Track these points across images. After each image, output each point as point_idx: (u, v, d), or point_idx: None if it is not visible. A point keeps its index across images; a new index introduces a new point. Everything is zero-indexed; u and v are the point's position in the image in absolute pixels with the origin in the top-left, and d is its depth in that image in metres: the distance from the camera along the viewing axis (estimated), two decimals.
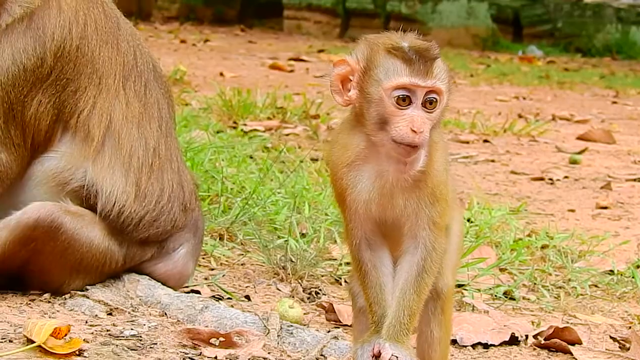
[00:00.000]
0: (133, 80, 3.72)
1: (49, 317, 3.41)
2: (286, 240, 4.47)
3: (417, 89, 2.57)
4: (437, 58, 2.61)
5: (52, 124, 3.64)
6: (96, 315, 3.50)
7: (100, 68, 3.68)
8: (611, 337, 3.84)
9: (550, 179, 7.31)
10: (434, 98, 2.60)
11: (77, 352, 3.11)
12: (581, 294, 4.40)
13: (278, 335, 3.38)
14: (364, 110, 2.62)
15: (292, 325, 3.46)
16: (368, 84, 2.60)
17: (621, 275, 4.68)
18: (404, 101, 2.57)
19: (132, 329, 3.36)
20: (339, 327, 3.70)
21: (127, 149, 3.64)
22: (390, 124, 2.57)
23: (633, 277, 4.58)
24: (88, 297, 3.60)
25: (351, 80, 2.63)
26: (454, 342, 3.60)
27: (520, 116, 10.47)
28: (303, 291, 4.10)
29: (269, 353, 3.26)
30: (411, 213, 2.73)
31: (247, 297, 3.99)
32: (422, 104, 2.59)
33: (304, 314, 3.79)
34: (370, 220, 2.77)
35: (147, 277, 3.75)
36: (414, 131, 2.56)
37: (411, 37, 2.65)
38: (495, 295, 4.24)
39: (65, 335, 3.16)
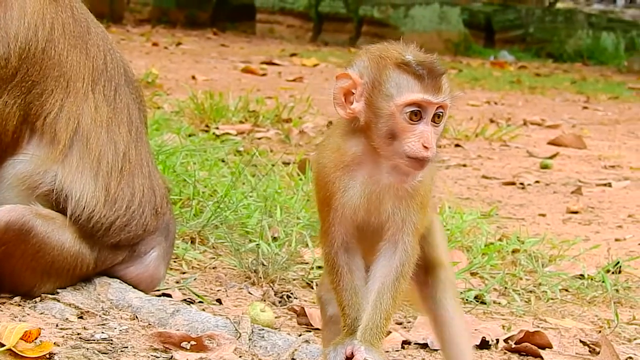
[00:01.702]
0: (102, 84, 3.71)
1: (19, 321, 3.39)
2: (258, 244, 4.46)
3: (428, 105, 2.62)
4: (444, 73, 2.68)
5: (19, 125, 3.62)
6: (67, 319, 3.48)
7: (68, 71, 3.66)
8: (581, 341, 3.86)
9: (522, 184, 7.35)
10: (441, 112, 2.67)
11: (47, 356, 3.10)
12: (552, 298, 4.43)
13: (249, 339, 3.38)
14: (372, 124, 2.64)
15: (263, 329, 3.46)
16: (378, 98, 2.62)
17: (591, 279, 4.71)
18: (416, 116, 2.61)
19: (103, 333, 3.35)
20: (310, 331, 3.70)
21: (95, 153, 3.62)
22: (401, 139, 2.61)
23: (603, 282, 4.60)
24: (59, 301, 3.58)
25: (353, 94, 2.65)
26: (424, 345, 3.61)
27: (491, 121, 10.51)
28: (274, 295, 4.10)
29: (240, 357, 3.26)
30: (398, 219, 2.77)
31: (219, 301, 3.98)
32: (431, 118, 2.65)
33: (276, 317, 3.79)
34: (353, 225, 2.79)
35: (118, 281, 3.74)
36: (425, 147, 2.61)
37: (414, 51, 2.71)
38: (466, 299, 4.25)
39: (36, 338, 3.15)
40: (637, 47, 22.32)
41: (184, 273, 4.28)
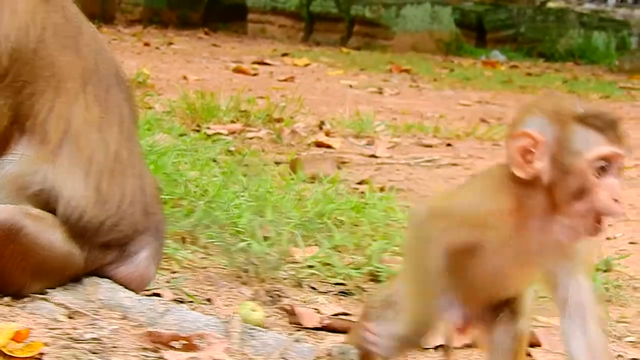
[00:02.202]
0: (94, 85, 3.71)
1: (9, 321, 3.38)
2: (249, 244, 4.47)
3: (616, 157, 2.56)
4: (621, 124, 2.60)
5: (9, 125, 3.62)
6: (56, 319, 3.47)
7: (59, 72, 3.66)
8: None
9: None
10: (622, 164, 2.60)
11: (37, 356, 3.10)
12: (541, 297, 4.42)
13: (240, 338, 3.38)
14: (556, 181, 2.55)
15: (254, 328, 3.46)
16: (564, 156, 2.55)
17: None
18: (604, 171, 2.54)
19: (92, 332, 3.34)
20: (300, 330, 3.70)
21: (86, 153, 3.62)
22: (591, 195, 2.53)
23: (593, 280, 4.60)
24: (48, 301, 3.58)
25: (533, 152, 2.56)
26: None
27: (483, 120, 10.51)
28: (265, 294, 4.10)
29: (230, 356, 3.26)
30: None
31: (209, 300, 3.98)
32: None
33: (266, 316, 3.79)
34: None
35: (109, 280, 3.73)
36: (615, 200, 2.55)
37: (585, 104, 2.62)
38: None
39: (26, 338, 3.15)
40: (628, 46, 22.35)
41: (174, 273, 4.28)
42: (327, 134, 8.47)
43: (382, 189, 6.17)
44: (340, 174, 6.40)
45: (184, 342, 3.28)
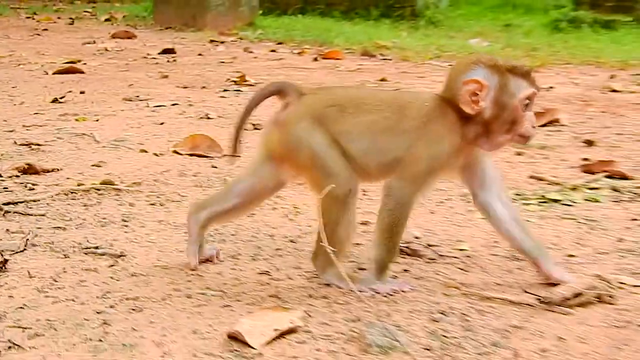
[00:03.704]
0: None
1: None
2: None
3: (534, 96, 3.33)
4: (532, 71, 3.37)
5: None
6: None
7: None
8: None
9: None
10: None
11: None
12: None
13: None
14: (494, 115, 3.29)
15: None
16: (503, 97, 3.27)
17: None
18: (527, 106, 3.30)
19: None
20: None
21: None
22: (518, 124, 3.29)
23: None
24: None
25: (478, 94, 3.25)
26: None
27: None
28: None
29: None
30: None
31: None
32: None
33: None
34: None
35: None
36: (534, 127, 3.35)
37: (505, 58, 3.38)
38: None
39: None
40: None
41: None
42: None
43: None
44: None
45: None
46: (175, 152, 5.85)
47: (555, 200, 4.73)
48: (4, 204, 4.48)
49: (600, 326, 3.08)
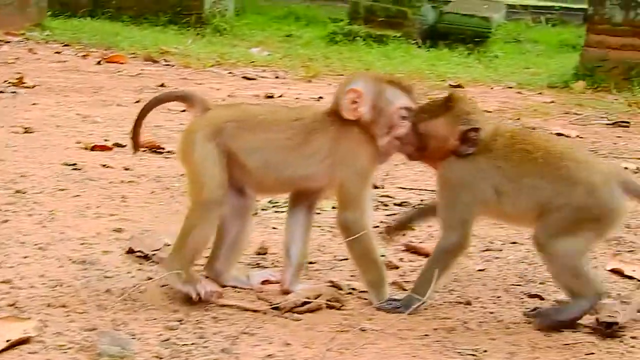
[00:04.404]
0: None
1: None
2: None
3: (412, 109, 3.59)
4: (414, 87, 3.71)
5: None
6: None
7: None
8: None
9: None
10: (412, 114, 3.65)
11: None
12: None
13: None
14: (374, 121, 3.56)
15: None
16: (381, 104, 3.56)
17: None
18: (404, 117, 3.57)
19: None
20: None
21: None
22: (395, 129, 3.56)
23: None
24: None
25: (357, 102, 3.55)
26: None
27: None
28: None
29: None
30: None
31: None
32: None
33: None
34: None
35: None
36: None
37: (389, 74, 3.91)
38: None
39: None
40: None
41: None
42: None
43: None
44: None
45: None
46: None
47: None
48: None
49: (325, 331, 3.23)
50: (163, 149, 6.29)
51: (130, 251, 3.98)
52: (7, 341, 2.96)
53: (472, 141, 3.49)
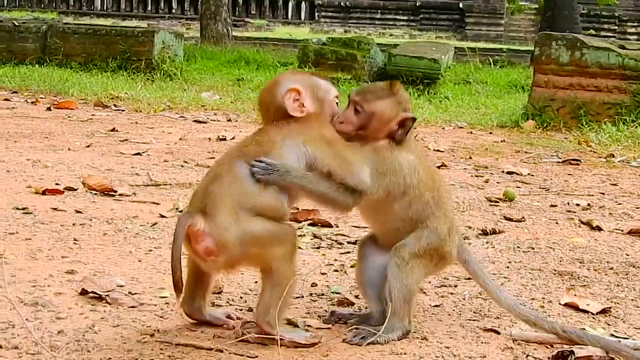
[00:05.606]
0: None
1: None
2: None
3: (339, 96, 3.77)
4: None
5: None
6: None
7: None
8: None
9: None
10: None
11: None
12: None
13: None
14: (319, 111, 3.65)
15: None
16: (321, 94, 3.67)
17: None
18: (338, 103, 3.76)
19: None
20: None
21: None
22: (336, 114, 3.69)
23: None
24: None
25: (298, 99, 3.62)
26: None
27: None
28: None
29: None
30: None
31: None
32: None
33: None
34: None
35: None
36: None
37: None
38: None
39: None
40: None
41: None
42: None
43: None
44: None
45: None
46: None
47: None
48: None
49: None
50: (115, 191, 6.25)
51: (84, 292, 3.93)
52: None
53: (407, 129, 3.61)
